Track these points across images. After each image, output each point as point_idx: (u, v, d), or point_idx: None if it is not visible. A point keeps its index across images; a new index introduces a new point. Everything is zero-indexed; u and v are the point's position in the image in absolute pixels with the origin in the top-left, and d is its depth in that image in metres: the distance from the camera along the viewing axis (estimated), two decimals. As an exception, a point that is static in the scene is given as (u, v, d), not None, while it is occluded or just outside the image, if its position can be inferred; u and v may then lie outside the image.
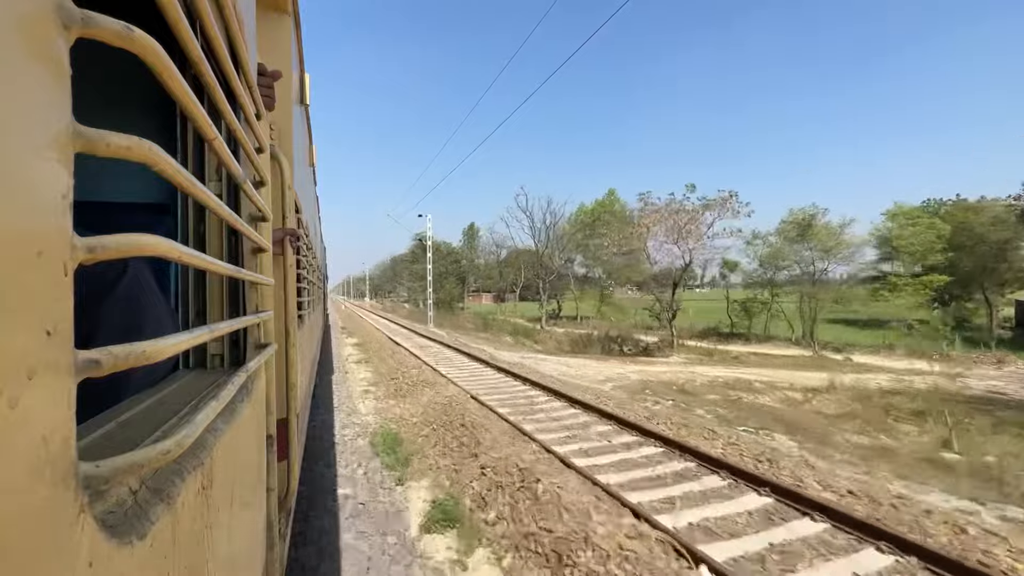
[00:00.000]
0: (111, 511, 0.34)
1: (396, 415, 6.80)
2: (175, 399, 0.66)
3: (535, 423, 6.17)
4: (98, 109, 1.62)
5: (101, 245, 0.30)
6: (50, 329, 0.24)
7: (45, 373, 0.24)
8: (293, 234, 1.74)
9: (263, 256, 1.04)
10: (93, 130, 0.29)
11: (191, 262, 0.48)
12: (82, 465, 0.28)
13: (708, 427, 6.29)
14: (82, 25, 0.27)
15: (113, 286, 0.80)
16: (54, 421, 0.25)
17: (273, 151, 1.43)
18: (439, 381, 8.98)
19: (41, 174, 0.24)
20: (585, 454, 5.06)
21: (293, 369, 1.62)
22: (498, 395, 7.84)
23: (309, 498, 4.01)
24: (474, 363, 11.77)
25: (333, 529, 3.53)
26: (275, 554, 1.13)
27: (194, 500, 0.48)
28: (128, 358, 0.32)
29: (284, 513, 1.49)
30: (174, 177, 0.41)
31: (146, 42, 0.34)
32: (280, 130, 1.90)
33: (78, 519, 0.26)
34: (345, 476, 4.59)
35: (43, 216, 0.24)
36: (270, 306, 1.06)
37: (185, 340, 0.45)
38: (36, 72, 0.24)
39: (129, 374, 0.41)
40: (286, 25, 2.13)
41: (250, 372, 0.81)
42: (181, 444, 0.40)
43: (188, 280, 0.90)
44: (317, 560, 3.10)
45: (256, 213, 1.03)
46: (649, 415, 6.80)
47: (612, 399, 7.96)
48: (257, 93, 1.00)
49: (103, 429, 0.50)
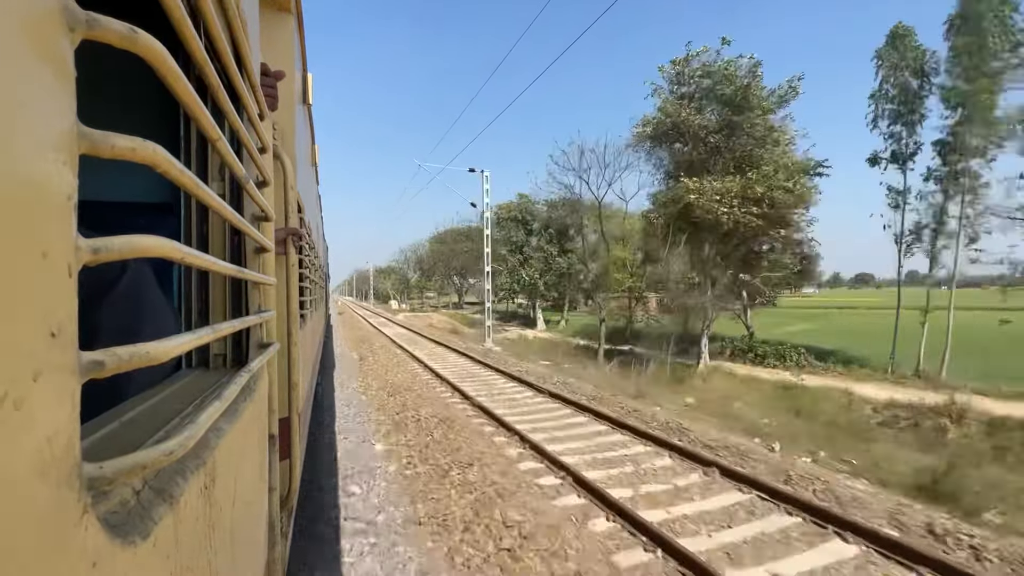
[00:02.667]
0: (114, 511, 0.34)
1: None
2: (178, 399, 0.67)
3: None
4: (102, 110, 1.63)
5: (105, 246, 0.30)
6: (55, 330, 0.25)
7: (50, 374, 0.24)
8: (296, 234, 1.74)
9: (266, 256, 1.04)
10: (98, 132, 0.29)
11: (194, 263, 0.48)
12: (86, 466, 0.28)
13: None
14: (87, 27, 0.27)
15: (115, 287, 0.80)
16: (58, 422, 0.25)
17: (276, 151, 1.44)
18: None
19: (46, 176, 0.24)
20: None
21: (295, 368, 1.63)
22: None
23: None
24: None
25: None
26: (277, 553, 1.13)
27: (197, 500, 0.48)
28: (132, 359, 0.32)
29: (286, 512, 1.49)
30: (178, 178, 0.41)
31: (150, 44, 0.34)
32: (283, 130, 1.91)
33: (82, 519, 0.27)
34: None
35: (48, 217, 0.24)
36: (272, 306, 1.06)
37: (188, 340, 0.45)
38: (41, 74, 0.24)
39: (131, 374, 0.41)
40: (289, 24, 2.14)
41: (253, 372, 0.81)
42: (184, 444, 0.40)
43: (191, 280, 0.91)
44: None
45: (259, 213, 1.03)
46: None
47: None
48: (260, 93, 1.00)
49: (106, 429, 0.50)
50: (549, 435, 6.65)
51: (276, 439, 1.14)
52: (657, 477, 5.26)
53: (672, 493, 4.85)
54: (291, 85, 2.05)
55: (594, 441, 6.48)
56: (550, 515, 4.25)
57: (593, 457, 5.85)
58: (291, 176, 1.63)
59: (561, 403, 8.50)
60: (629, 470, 5.44)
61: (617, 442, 6.43)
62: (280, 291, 1.57)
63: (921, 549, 3.58)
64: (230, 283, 0.92)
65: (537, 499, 4.60)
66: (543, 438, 6.43)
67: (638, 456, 5.90)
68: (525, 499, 4.56)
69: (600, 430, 6.96)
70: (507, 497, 4.60)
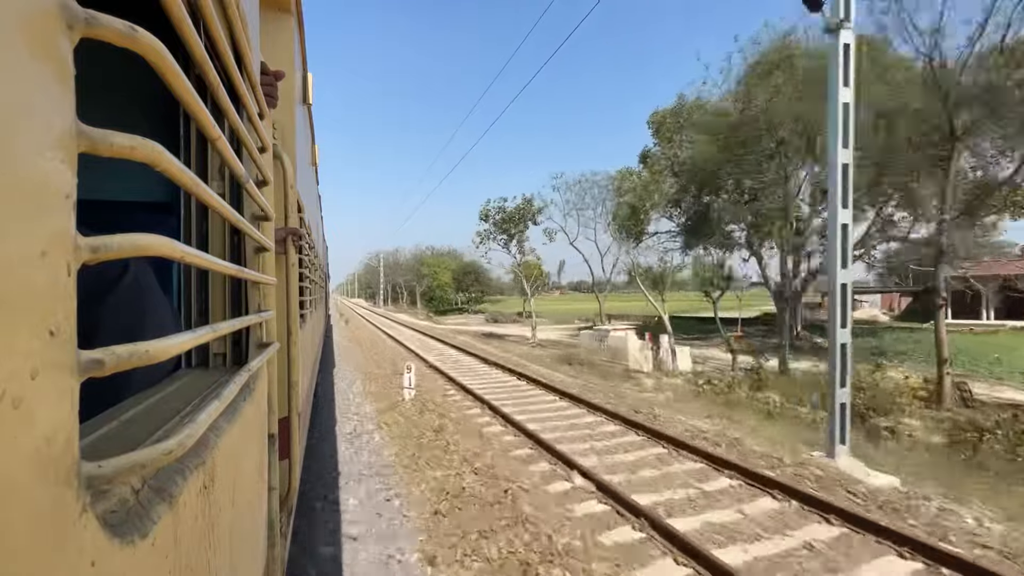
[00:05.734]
0: (113, 510, 0.34)
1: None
2: (177, 398, 0.66)
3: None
4: (101, 108, 1.63)
5: (104, 245, 0.30)
6: (53, 329, 0.24)
7: (48, 373, 0.24)
8: (295, 233, 1.74)
9: (265, 255, 1.04)
10: (97, 130, 0.29)
11: (194, 261, 0.48)
12: (85, 465, 0.28)
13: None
14: (86, 25, 0.27)
15: (114, 285, 0.80)
16: (57, 421, 0.25)
17: (276, 150, 1.44)
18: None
19: (45, 174, 0.24)
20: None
21: (295, 368, 1.63)
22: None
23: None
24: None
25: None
26: (276, 553, 1.13)
27: (196, 499, 0.48)
28: (131, 358, 0.32)
29: (285, 512, 1.49)
30: (177, 177, 0.41)
31: (150, 42, 0.34)
32: (282, 129, 1.91)
33: (80, 518, 0.26)
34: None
35: (47, 216, 0.24)
36: (272, 305, 1.06)
37: (188, 339, 0.45)
38: (40, 72, 0.24)
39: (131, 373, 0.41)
40: (289, 25, 2.14)
41: (252, 371, 0.81)
42: (183, 443, 0.40)
43: (191, 279, 0.90)
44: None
45: (258, 212, 1.03)
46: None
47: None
48: (260, 92, 1.00)
49: (105, 428, 0.50)
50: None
51: (276, 439, 1.14)
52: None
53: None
54: (291, 85, 2.05)
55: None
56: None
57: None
58: (291, 175, 1.63)
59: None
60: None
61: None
62: (280, 291, 1.57)
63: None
64: (230, 282, 0.92)
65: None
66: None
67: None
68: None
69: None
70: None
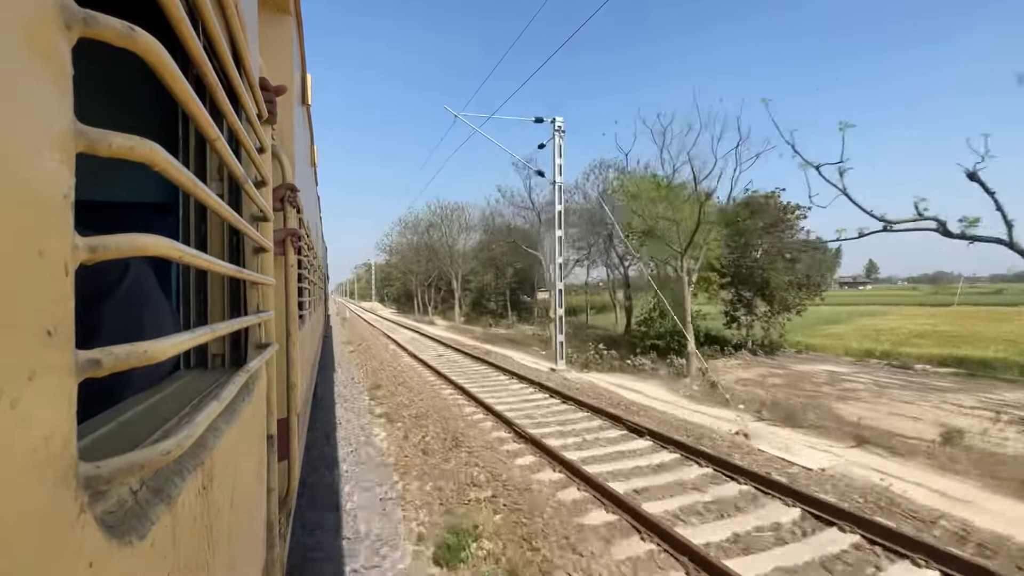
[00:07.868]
0: (111, 511, 0.34)
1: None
2: (176, 399, 0.66)
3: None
4: (100, 108, 1.63)
5: (102, 245, 0.30)
6: (51, 329, 0.24)
7: (46, 373, 0.24)
8: (294, 234, 1.74)
9: (264, 256, 1.04)
10: (95, 130, 0.29)
11: (192, 262, 0.48)
12: (83, 465, 0.28)
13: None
14: (84, 25, 0.27)
15: (115, 286, 0.80)
16: (55, 421, 0.25)
17: (274, 151, 1.44)
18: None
19: (43, 174, 0.24)
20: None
21: (294, 369, 1.62)
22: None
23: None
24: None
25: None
26: (275, 554, 1.13)
27: (194, 500, 0.48)
28: (129, 358, 0.32)
29: (284, 513, 1.49)
30: (176, 177, 0.41)
31: (148, 42, 0.34)
32: (282, 130, 1.91)
33: (78, 519, 0.26)
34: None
35: (44, 216, 0.24)
36: (271, 306, 1.06)
37: (186, 340, 0.45)
38: (38, 72, 0.24)
39: (129, 374, 0.41)
40: (288, 25, 2.14)
41: (251, 372, 0.81)
42: (182, 444, 0.40)
43: (189, 280, 0.90)
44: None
45: (257, 213, 1.03)
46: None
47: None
48: (259, 93, 1.00)
49: (104, 429, 0.50)
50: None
51: (275, 440, 1.14)
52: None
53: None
54: (290, 86, 2.05)
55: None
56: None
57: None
58: (290, 176, 1.63)
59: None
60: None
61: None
62: (279, 291, 1.56)
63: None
64: (228, 283, 0.92)
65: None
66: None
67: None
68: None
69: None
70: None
